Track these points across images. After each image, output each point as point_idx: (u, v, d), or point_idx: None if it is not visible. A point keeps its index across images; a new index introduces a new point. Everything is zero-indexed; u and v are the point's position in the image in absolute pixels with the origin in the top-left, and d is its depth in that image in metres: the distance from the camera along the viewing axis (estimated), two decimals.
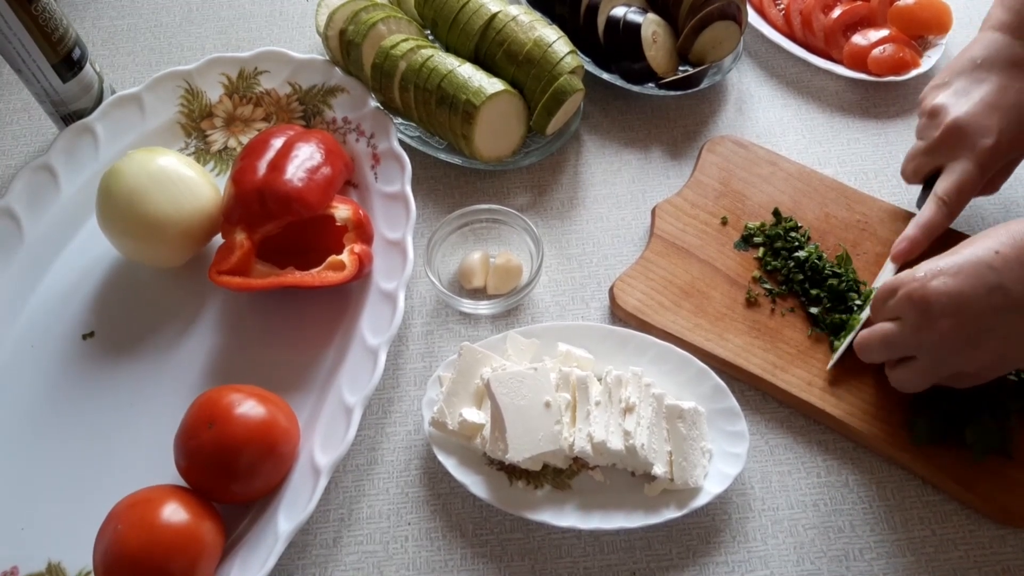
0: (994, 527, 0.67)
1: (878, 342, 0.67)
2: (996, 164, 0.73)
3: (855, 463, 0.71)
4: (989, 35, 0.75)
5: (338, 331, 0.76)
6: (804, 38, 0.95)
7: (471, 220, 0.81)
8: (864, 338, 0.68)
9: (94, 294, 0.80)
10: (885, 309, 0.66)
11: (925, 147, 0.75)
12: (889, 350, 0.66)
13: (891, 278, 0.67)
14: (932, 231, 0.73)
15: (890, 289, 0.66)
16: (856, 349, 0.69)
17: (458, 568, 0.67)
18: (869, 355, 0.68)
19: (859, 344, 0.69)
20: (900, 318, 0.65)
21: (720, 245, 0.80)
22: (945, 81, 0.76)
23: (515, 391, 0.66)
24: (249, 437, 0.64)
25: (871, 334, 0.67)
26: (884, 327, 0.66)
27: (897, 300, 0.64)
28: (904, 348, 0.65)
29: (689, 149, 0.90)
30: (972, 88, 0.74)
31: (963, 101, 0.73)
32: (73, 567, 0.67)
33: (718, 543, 0.68)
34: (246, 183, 0.74)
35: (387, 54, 0.82)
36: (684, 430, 0.67)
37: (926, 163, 0.76)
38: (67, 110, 0.87)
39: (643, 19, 0.87)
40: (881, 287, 0.67)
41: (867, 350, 0.68)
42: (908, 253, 0.74)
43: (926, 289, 0.62)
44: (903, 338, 0.64)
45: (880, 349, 0.67)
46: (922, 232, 0.73)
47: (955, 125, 0.72)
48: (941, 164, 0.74)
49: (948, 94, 0.75)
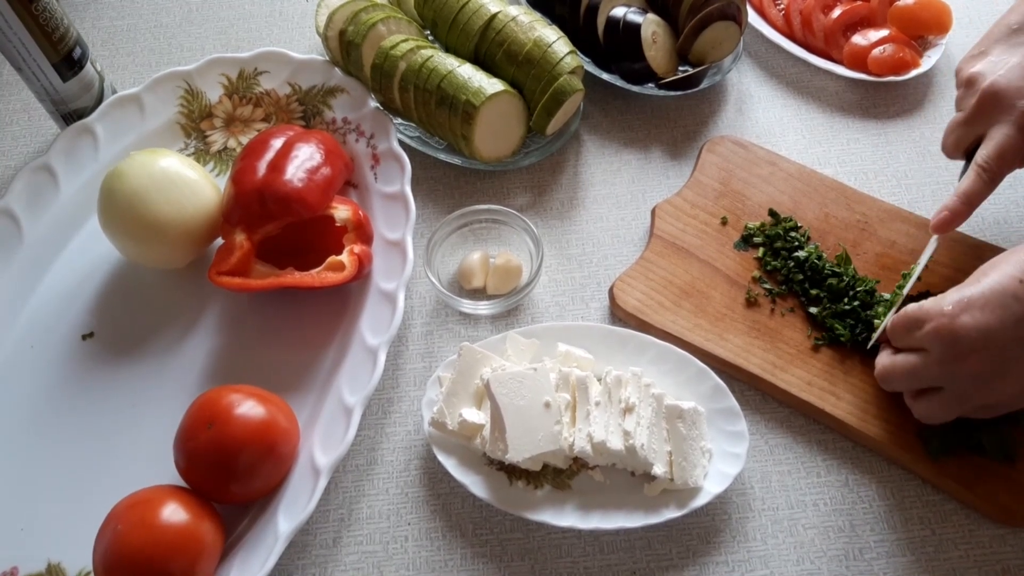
0: (994, 527, 0.67)
1: (902, 374, 0.66)
2: None
3: (855, 463, 0.71)
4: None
5: (338, 331, 0.76)
6: (804, 38, 0.95)
7: (471, 220, 0.81)
8: (887, 369, 0.67)
9: (94, 294, 0.80)
10: (910, 339, 0.65)
11: (963, 117, 0.72)
12: (913, 381, 0.66)
13: (914, 307, 0.65)
14: (973, 200, 0.70)
15: (915, 320, 0.64)
16: (877, 377, 0.69)
17: (458, 568, 0.67)
18: (891, 385, 0.68)
19: (881, 374, 0.68)
20: (925, 350, 0.64)
21: (720, 245, 0.80)
22: (982, 50, 0.74)
23: (515, 391, 0.66)
24: (249, 437, 0.64)
25: (894, 365, 0.66)
26: (908, 359, 0.65)
27: (924, 333, 0.63)
28: (929, 380, 0.65)
29: (689, 149, 0.90)
30: (1009, 54, 0.71)
31: (1000, 67, 0.70)
32: (73, 567, 0.67)
33: (718, 543, 0.68)
34: (246, 183, 0.74)
35: (387, 54, 0.82)
36: (684, 430, 0.67)
37: (966, 134, 0.72)
38: (67, 109, 0.87)
39: (643, 19, 0.87)
40: (903, 316, 0.66)
41: (889, 380, 0.67)
42: (949, 223, 0.71)
43: (954, 325, 0.61)
44: (928, 371, 0.64)
45: (904, 380, 0.66)
46: (962, 201, 0.70)
47: (992, 90, 0.69)
48: (981, 133, 0.71)
49: (985, 62, 0.72)
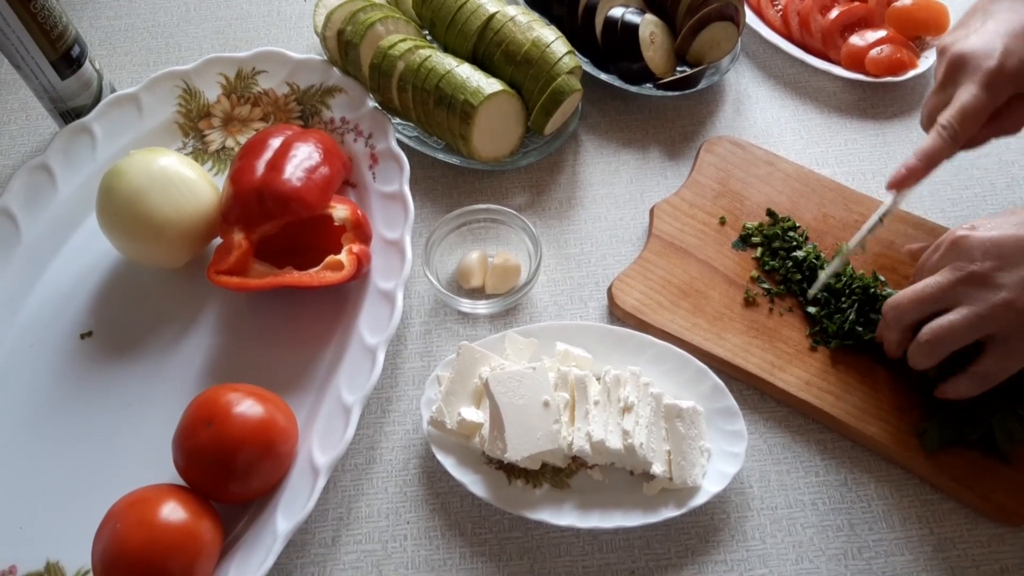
0: (992, 526, 0.68)
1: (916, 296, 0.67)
2: (1003, 88, 0.69)
3: (853, 462, 0.71)
4: None
5: (336, 331, 0.76)
6: (802, 39, 0.96)
7: (469, 220, 0.81)
8: (897, 298, 0.68)
9: (92, 294, 0.80)
10: (931, 266, 0.68)
11: (934, 86, 0.73)
12: (927, 302, 0.66)
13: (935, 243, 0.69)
14: (931, 158, 0.70)
15: (933, 246, 0.68)
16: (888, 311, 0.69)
17: (457, 567, 0.67)
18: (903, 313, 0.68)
19: (892, 305, 0.68)
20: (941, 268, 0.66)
21: (718, 245, 0.81)
22: (961, 23, 0.74)
23: (514, 390, 0.66)
24: (247, 436, 0.64)
25: (906, 291, 0.68)
26: (923, 281, 0.67)
27: (943, 250, 0.67)
28: (943, 299, 0.66)
29: (687, 149, 0.90)
30: (982, 21, 0.72)
31: (971, 34, 0.71)
32: (72, 566, 0.67)
33: (717, 542, 0.68)
34: (244, 183, 0.74)
35: (385, 54, 0.82)
36: (683, 429, 0.67)
37: (938, 101, 0.72)
38: (66, 107, 0.87)
39: (641, 19, 0.87)
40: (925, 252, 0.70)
41: (902, 309, 0.68)
42: (905, 180, 0.71)
43: (969, 235, 0.65)
44: (944, 285, 0.65)
45: (916, 304, 0.67)
46: (922, 160, 0.70)
47: (959, 53, 0.70)
48: (951, 98, 0.71)
49: (959, 32, 0.73)
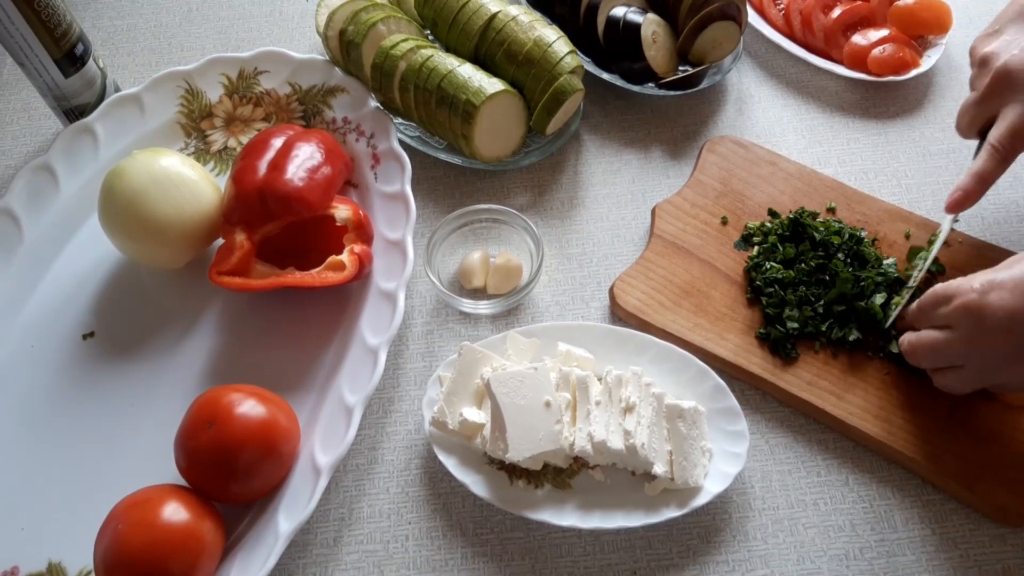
0: (994, 526, 0.67)
1: (927, 349, 0.67)
2: None
3: (855, 462, 0.71)
4: None
5: (338, 331, 0.76)
6: (804, 38, 0.96)
7: (471, 220, 0.81)
8: (913, 344, 0.68)
9: (94, 294, 0.80)
10: (936, 316, 0.66)
11: (977, 97, 0.73)
12: (937, 358, 0.67)
13: (942, 286, 0.66)
14: (986, 180, 0.71)
15: (943, 296, 0.65)
16: (903, 351, 0.69)
17: (458, 567, 0.67)
18: (916, 360, 0.69)
19: (907, 348, 0.69)
20: (951, 327, 0.65)
21: (720, 245, 0.80)
22: (996, 28, 0.74)
23: (515, 391, 0.66)
24: (249, 437, 0.64)
25: (920, 341, 0.67)
26: (934, 336, 0.66)
27: (952, 309, 0.64)
28: (953, 358, 0.65)
29: (689, 149, 0.90)
30: (1022, 34, 0.71)
31: (1013, 46, 0.71)
32: (73, 567, 0.67)
33: (718, 542, 0.68)
34: (246, 183, 0.74)
35: (387, 54, 0.82)
36: (684, 429, 0.67)
37: (979, 113, 0.73)
38: (69, 105, 0.87)
39: (643, 19, 0.87)
40: (932, 293, 0.67)
41: (914, 355, 0.68)
42: (962, 202, 0.71)
43: (983, 302, 0.62)
44: (952, 348, 0.65)
45: (929, 356, 0.67)
46: (975, 181, 0.71)
47: (1005, 70, 0.70)
48: (994, 113, 0.72)
49: (999, 41, 0.72)
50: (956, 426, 0.70)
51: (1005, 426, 0.70)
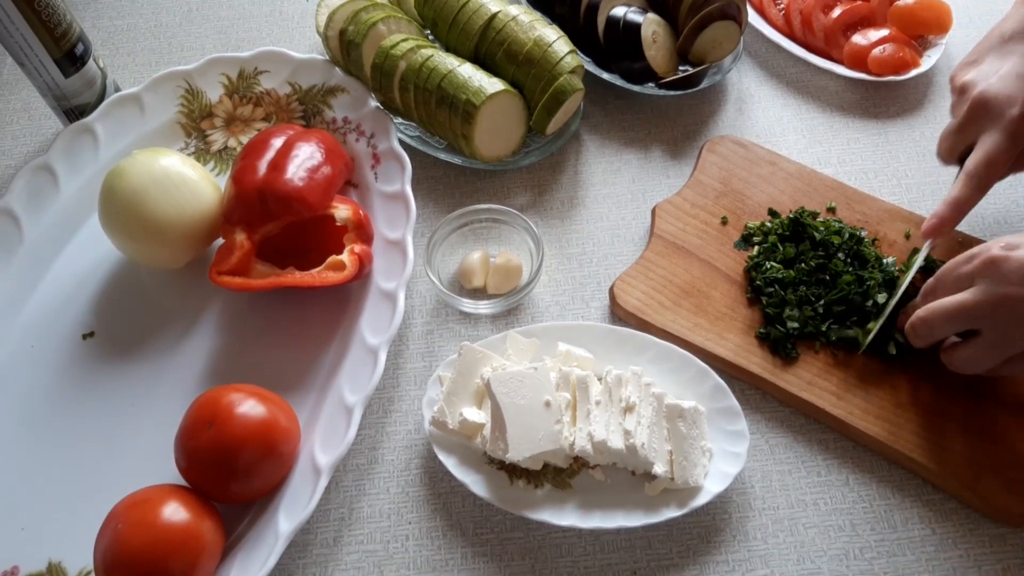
0: (994, 526, 0.67)
1: (947, 313, 0.65)
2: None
3: (855, 462, 0.71)
4: (1019, 9, 0.74)
5: (338, 331, 0.76)
6: (804, 38, 0.96)
7: (471, 220, 0.81)
8: (929, 311, 0.67)
9: (94, 294, 0.80)
10: (958, 275, 0.65)
11: (956, 125, 0.73)
12: (957, 321, 0.65)
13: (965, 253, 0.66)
14: (962, 207, 0.71)
15: (966, 256, 0.65)
16: (912, 328, 0.68)
17: (459, 567, 0.67)
18: (933, 329, 0.67)
19: (918, 321, 0.67)
20: (972, 285, 0.64)
21: (720, 245, 0.80)
22: (975, 58, 0.75)
23: (515, 390, 0.66)
24: (249, 437, 0.64)
25: (936, 306, 0.66)
26: (953, 298, 0.65)
27: (976, 264, 0.64)
28: (974, 318, 0.64)
29: (689, 149, 0.90)
30: (1001, 61, 0.72)
31: (991, 74, 0.72)
32: (73, 567, 0.67)
33: (718, 542, 0.68)
34: (247, 183, 0.74)
35: (387, 54, 0.82)
36: (684, 429, 0.67)
37: (958, 141, 0.74)
38: (69, 105, 0.87)
39: (643, 19, 0.87)
40: (954, 259, 0.67)
41: (932, 323, 0.67)
42: (938, 229, 0.72)
43: (1008, 255, 0.62)
44: (976, 306, 0.63)
45: (947, 321, 0.66)
46: (951, 209, 0.71)
47: (982, 98, 0.71)
48: (973, 140, 0.72)
49: (977, 70, 0.73)
50: (956, 426, 0.70)
51: (1005, 426, 0.70)
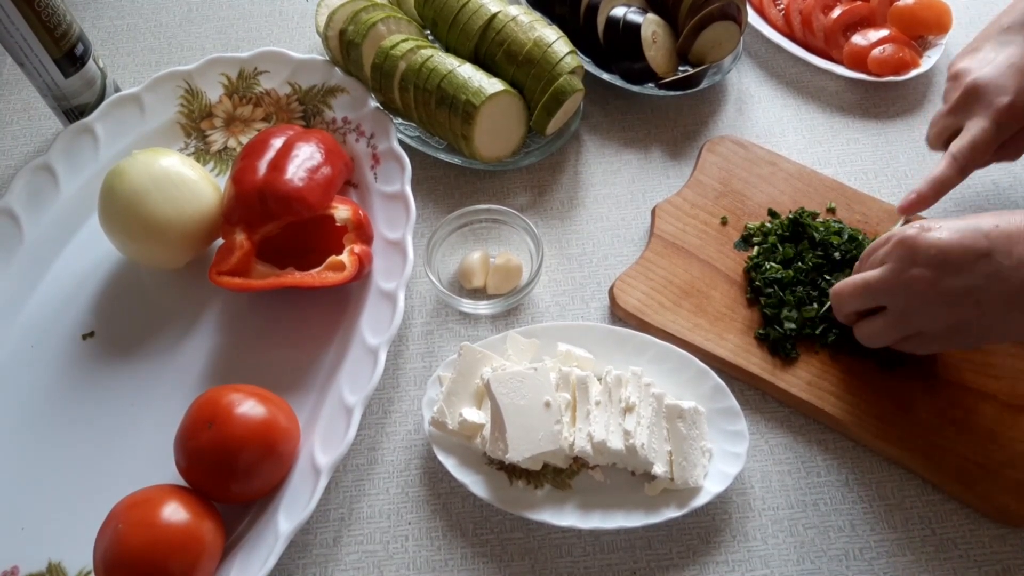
0: (994, 526, 0.67)
1: (855, 287, 0.68)
2: (1013, 124, 0.71)
3: (855, 462, 0.71)
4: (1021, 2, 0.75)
5: (338, 331, 0.76)
6: (804, 38, 0.96)
7: (471, 220, 0.81)
8: (841, 284, 0.69)
9: (94, 294, 0.80)
10: (873, 258, 0.68)
11: (946, 109, 0.75)
12: (863, 296, 0.67)
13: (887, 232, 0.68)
14: (941, 186, 0.72)
15: (883, 240, 0.67)
16: (832, 297, 0.70)
17: (458, 567, 0.67)
18: (842, 302, 0.69)
19: (835, 291, 0.70)
20: (883, 264, 0.66)
21: (720, 245, 0.80)
22: (974, 47, 0.76)
23: (515, 391, 0.66)
24: (249, 437, 0.64)
25: (848, 280, 0.69)
26: (864, 275, 0.67)
27: (889, 245, 0.66)
28: (878, 294, 0.66)
29: (689, 149, 0.90)
30: (997, 51, 0.73)
31: (986, 63, 0.73)
32: (73, 567, 0.67)
33: (718, 542, 0.68)
34: (246, 183, 0.74)
35: (387, 54, 0.82)
36: (684, 429, 0.67)
37: (948, 125, 0.75)
38: (69, 105, 0.87)
39: (643, 19, 0.87)
40: (874, 242, 0.69)
41: (842, 297, 0.69)
42: (914, 206, 0.73)
43: (919, 236, 0.64)
44: (879, 283, 0.66)
45: (854, 295, 0.68)
46: (931, 187, 0.72)
47: (974, 85, 0.72)
48: (961, 125, 0.73)
49: (973, 58, 0.74)
50: (956, 426, 0.70)
51: (1005, 426, 0.70)
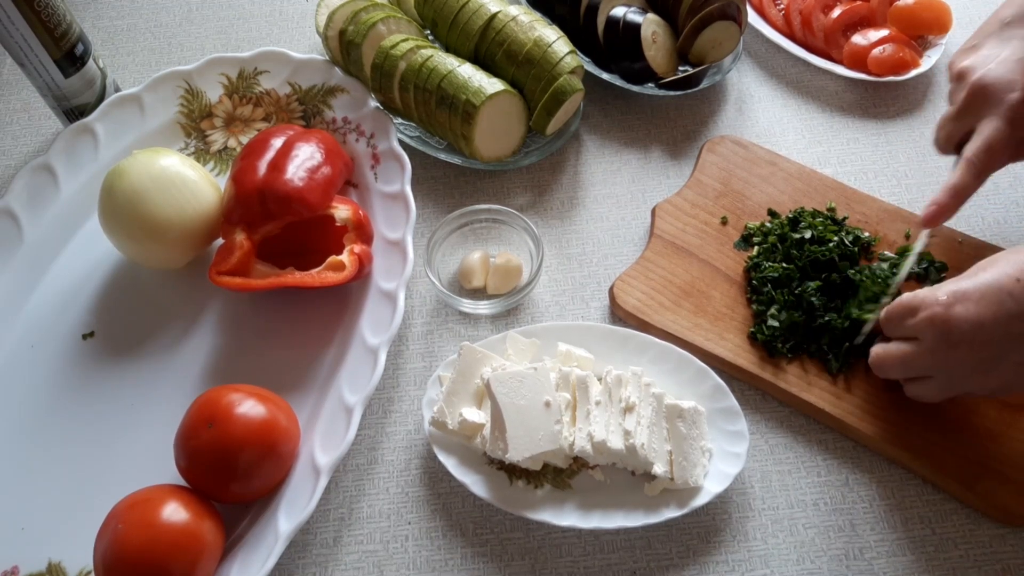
0: (994, 526, 0.67)
1: (895, 362, 0.66)
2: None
3: (855, 462, 0.71)
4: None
5: (338, 331, 0.76)
6: (804, 38, 0.96)
7: (471, 220, 0.81)
8: (881, 357, 0.68)
9: (94, 294, 0.80)
10: (904, 327, 0.66)
11: (954, 112, 0.73)
12: (905, 370, 0.67)
13: (909, 296, 0.66)
14: (961, 194, 0.70)
15: (910, 308, 0.65)
16: (872, 364, 0.69)
17: (458, 567, 0.67)
18: (884, 372, 0.68)
19: (875, 361, 0.68)
20: (918, 339, 0.65)
21: (720, 245, 0.80)
22: (975, 44, 0.74)
23: (515, 391, 0.66)
24: (249, 437, 0.64)
25: (888, 353, 0.67)
26: (902, 348, 0.66)
27: (918, 321, 0.64)
28: (920, 369, 0.65)
29: (689, 149, 0.90)
30: (1000, 47, 0.71)
31: (990, 60, 0.71)
32: (73, 567, 0.67)
33: (718, 542, 0.68)
34: (246, 183, 0.74)
35: (387, 54, 0.82)
36: (684, 429, 0.67)
37: (956, 128, 0.73)
38: (69, 105, 0.87)
39: (643, 19, 0.87)
40: (898, 304, 0.66)
41: (883, 368, 0.68)
42: (937, 217, 0.71)
43: (948, 315, 0.62)
44: (920, 359, 0.65)
45: (897, 368, 0.67)
46: (950, 196, 0.70)
47: (980, 83, 0.70)
48: (971, 127, 0.71)
49: (976, 56, 0.72)
50: (956, 426, 0.70)
51: (1005, 426, 0.70)
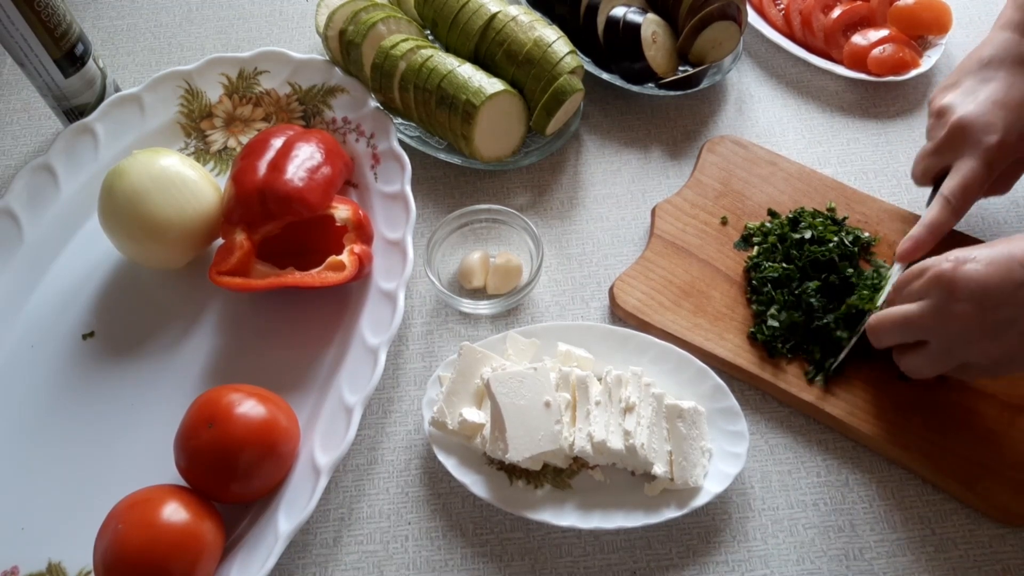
0: (994, 526, 0.67)
1: (894, 323, 0.66)
2: (1003, 161, 0.72)
3: (855, 462, 0.71)
4: (999, 34, 0.75)
5: (338, 331, 0.76)
6: (804, 38, 0.96)
7: (471, 220, 0.81)
8: (879, 318, 0.67)
9: (94, 294, 0.80)
10: (910, 290, 0.66)
11: (932, 147, 0.75)
12: (904, 332, 0.66)
13: (918, 264, 0.66)
14: (938, 231, 0.72)
15: (918, 270, 0.66)
16: (868, 331, 0.69)
17: (458, 567, 0.67)
18: (881, 336, 0.68)
19: (873, 325, 0.68)
20: (922, 299, 0.64)
21: (720, 245, 0.80)
22: (954, 81, 0.76)
23: (515, 391, 0.66)
24: (249, 437, 0.64)
25: (887, 314, 0.67)
26: (903, 308, 0.66)
27: (924, 280, 0.64)
28: (919, 330, 0.65)
29: (689, 149, 0.90)
30: (979, 87, 0.73)
31: (969, 100, 0.73)
32: (73, 567, 0.67)
33: (718, 542, 0.68)
34: (246, 183, 0.74)
35: (387, 54, 0.82)
36: (684, 429, 0.67)
37: (934, 164, 0.75)
38: (69, 105, 0.87)
39: (643, 19, 0.87)
40: (909, 271, 0.67)
41: (880, 331, 0.67)
42: (913, 252, 0.73)
43: (956, 271, 0.62)
44: (921, 319, 0.64)
45: (894, 330, 0.66)
46: (927, 232, 0.72)
47: (960, 123, 0.72)
48: (948, 164, 0.73)
49: (956, 94, 0.74)
50: (956, 426, 0.70)
51: (1005, 426, 0.70)
